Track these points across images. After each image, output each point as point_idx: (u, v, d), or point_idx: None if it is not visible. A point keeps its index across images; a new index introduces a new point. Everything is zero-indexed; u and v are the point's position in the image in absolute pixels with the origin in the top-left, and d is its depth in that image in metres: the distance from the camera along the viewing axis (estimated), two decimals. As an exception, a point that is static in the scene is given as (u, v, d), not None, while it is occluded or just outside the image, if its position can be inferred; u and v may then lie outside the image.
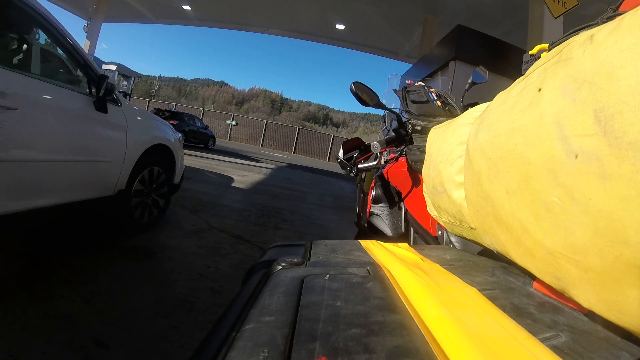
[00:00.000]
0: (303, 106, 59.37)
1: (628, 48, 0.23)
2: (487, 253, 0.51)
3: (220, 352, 0.23)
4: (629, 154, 0.22)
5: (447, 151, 0.56)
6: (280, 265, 0.40)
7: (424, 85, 1.13)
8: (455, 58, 4.63)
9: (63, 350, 1.18)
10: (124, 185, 2.19)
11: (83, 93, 1.92)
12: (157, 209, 2.66)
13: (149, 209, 2.57)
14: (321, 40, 11.41)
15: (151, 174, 2.56)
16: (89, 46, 9.98)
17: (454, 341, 0.24)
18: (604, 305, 0.26)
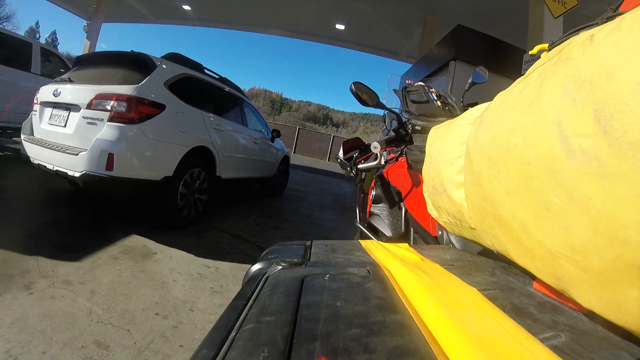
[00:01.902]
0: (303, 106, 59.34)
1: (628, 48, 0.23)
2: (487, 253, 0.51)
3: (220, 352, 0.23)
4: (629, 154, 0.22)
5: (447, 151, 0.56)
6: (280, 265, 0.40)
7: (424, 85, 1.13)
8: (455, 58, 4.63)
9: (63, 350, 1.18)
10: (275, 171, 4.83)
11: (264, 135, 4.41)
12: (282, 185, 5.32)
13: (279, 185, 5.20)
14: (321, 40, 11.40)
15: (287, 161, 5.39)
16: (89, 46, 9.97)
17: (454, 341, 0.24)
18: (604, 305, 0.26)
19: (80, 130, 2.24)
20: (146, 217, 2.80)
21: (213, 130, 2.92)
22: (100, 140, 2.12)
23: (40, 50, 4.16)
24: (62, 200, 2.84)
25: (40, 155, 2.35)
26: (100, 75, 2.48)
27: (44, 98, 2.56)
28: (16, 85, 3.81)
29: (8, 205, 2.47)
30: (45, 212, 2.48)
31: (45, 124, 2.49)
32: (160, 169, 2.38)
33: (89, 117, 2.22)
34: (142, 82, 2.31)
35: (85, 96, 2.26)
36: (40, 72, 4.11)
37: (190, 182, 2.68)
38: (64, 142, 2.29)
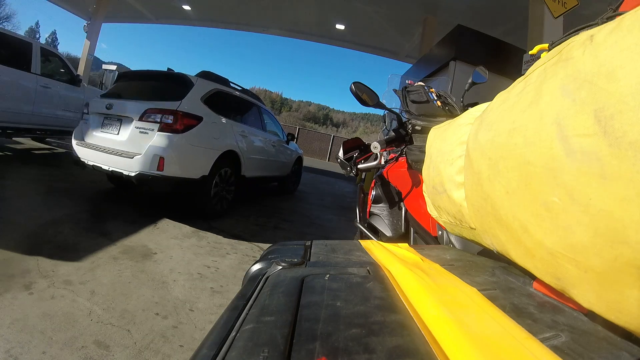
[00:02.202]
0: (303, 106, 59.33)
1: (628, 48, 0.23)
2: (487, 253, 0.51)
3: (220, 352, 0.23)
4: (629, 154, 0.22)
5: (447, 151, 0.56)
6: (280, 265, 0.40)
7: (424, 85, 1.13)
8: (455, 58, 4.62)
9: (63, 350, 1.18)
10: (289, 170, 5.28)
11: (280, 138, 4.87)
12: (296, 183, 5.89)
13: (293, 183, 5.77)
14: (321, 40, 11.39)
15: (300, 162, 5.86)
16: (89, 46, 9.97)
17: (454, 341, 0.24)
18: (604, 305, 0.26)
19: (133, 137, 2.72)
20: (146, 217, 2.80)
21: (239, 136, 3.45)
22: (152, 146, 2.62)
23: (40, 50, 4.16)
24: (62, 200, 2.84)
25: (95, 158, 2.82)
26: (147, 91, 3.04)
27: (96, 109, 3.03)
28: (16, 85, 3.80)
29: (8, 205, 2.47)
30: (45, 212, 2.48)
31: (98, 131, 2.96)
32: (198, 169, 2.89)
33: (141, 127, 2.71)
34: (184, 99, 2.83)
35: (137, 110, 2.75)
36: (40, 72, 4.11)
37: (220, 180, 3.18)
38: (118, 147, 2.75)
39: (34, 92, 4.02)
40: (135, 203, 3.22)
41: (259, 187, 5.15)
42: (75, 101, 4.74)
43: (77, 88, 4.75)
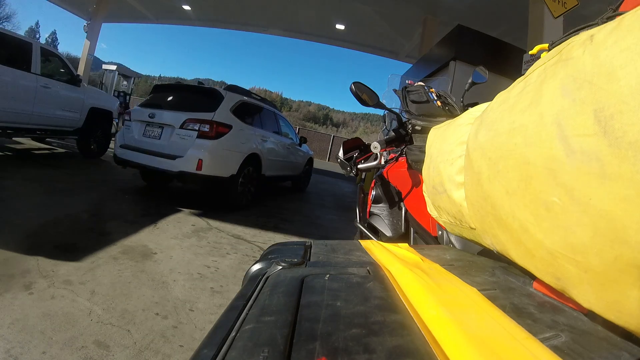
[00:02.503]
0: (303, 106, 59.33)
1: (628, 48, 0.23)
2: (487, 253, 0.51)
3: (220, 352, 0.23)
4: (629, 154, 0.22)
5: (447, 151, 0.56)
6: (280, 265, 0.40)
7: (424, 85, 1.13)
8: (455, 58, 4.62)
9: (63, 350, 1.18)
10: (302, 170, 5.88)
11: (294, 141, 5.40)
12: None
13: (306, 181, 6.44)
14: (321, 40, 11.39)
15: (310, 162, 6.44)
16: (89, 46, 9.96)
17: (454, 341, 0.24)
18: (604, 305, 0.26)
19: (174, 142, 3.26)
20: (146, 217, 2.80)
21: (260, 140, 4.03)
22: (192, 150, 3.18)
23: (40, 50, 4.16)
24: (62, 200, 2.84)
25: (139, 158, 3.36)
26: (184, 103, 3.53)
27: (138, 117, 3.54)
28: (16, 85, 3.80)
29: (8, 205, 2.47)
30: (45, 212, 2.48)
31: (140, 136, 3.48)
32: (228, 169, 3.45)
33: (182, 134, 3.26)
34: (217, 110, 3.38)
35: (177, 120, 3.30)
36: (40, 72, 4.11)
37: (245, 178, 3.71)
38: (160, 150, 3.30)
39: (34, 92, 4.02)
40: (136, 203, 3.23)
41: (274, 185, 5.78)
42: (75, 101, 4.74)
43: (77, 88, 4.75)
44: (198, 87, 3.90)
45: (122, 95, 10.19)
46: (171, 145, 3.26)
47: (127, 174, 4.56)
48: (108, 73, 10.20)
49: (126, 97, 10.43)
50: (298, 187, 6.09)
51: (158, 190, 3.95)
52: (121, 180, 4.08)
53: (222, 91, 3.67)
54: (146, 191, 3.79)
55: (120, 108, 8.95)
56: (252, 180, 3.90)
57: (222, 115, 3.39)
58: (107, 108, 5.43)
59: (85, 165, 4.67)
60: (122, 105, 9.34)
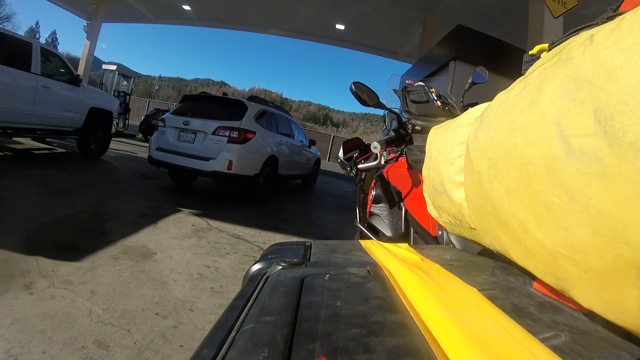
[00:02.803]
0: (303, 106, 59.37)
1: (628, 48, 0.23)
2: (487, 253, 0.51)
3: (220, 352, 0.23)
4: (629, 154, 0.22)
5: (447, 151, 0.56)
6: (280, 265, 0.40)
7: (424, 85, 1.13)
8: (455, 58, 4.62)
9: (63, 350, 1.18)
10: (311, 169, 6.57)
11: (304, 143, 6.03)
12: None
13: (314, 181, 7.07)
14: (321, 40, 11.39)
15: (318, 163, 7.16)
16: (89, 46, 9.96)
17: (454, 341, 0.24)
18: (604, 305, 0.26)
19: (208, 146, 3.78)
20: (146, 217, 2.80)
21: (277, 144, 4.62)
22: (224, 153, 3.71)
23: (40, 50, 4.15)
24: (62, 200, 2.84)
25: (174, 159, 3.84)
26: (214, 112, 4.04)
27: (172, 124, 4.04)
28: (16, 85, 3.80)
29: (8, 205, 2.47)
30: (45, 212, 2.48)
31: (175, 140, 3.96)
32: (252, 169, 3.99)
33: (214, 139, 3.78)
34: (243, 119, 3.94)
35: (210, 127, 3.83)
36: (40, 72, 4.10)
37: (264, 177, 4.25)
38: (194, 152, 3.80)
39: (34, 92, 4.01)
40: (136, 203, 3.23)
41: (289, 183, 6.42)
42: (75, 101, 4.73)
43: (77, 88, 4.74)
44: (225, 98, 4.53)
45: (122, 95, 10.17)
46: (204, 148, 3.79)
47: (127, 174, 4.56)
48: (108, 73, 10.19)
49: (126, 97, 10.42)
50: (307, 185, 6.65)
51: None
52: (121, 181, 4.08)
53: (246, 102, 4.27)
54: (146, 191, 3.79)
55: (120, 108, 8.95)
56: (270, 178, 4.48)
57: (247, 123, 3.97)
58: (107, 108, 5.43)
59: (85, 165, 4.67)
60: (122, 105, 9.35)
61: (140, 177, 4.49)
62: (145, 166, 5.45)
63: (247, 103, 4.20)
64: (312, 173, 6.66)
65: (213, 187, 5.00)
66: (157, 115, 10.79)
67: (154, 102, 23.55)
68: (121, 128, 9.96)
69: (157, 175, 4.86)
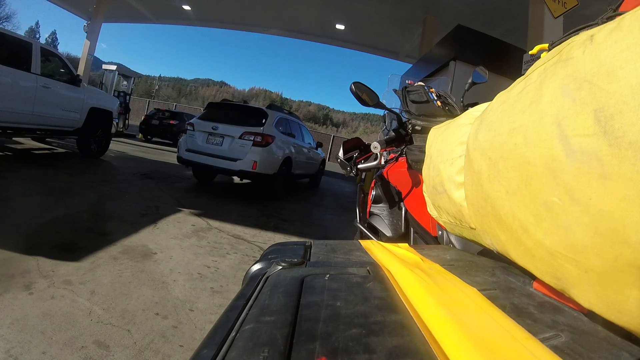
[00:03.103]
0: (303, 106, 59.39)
1: (628, 48, 0.23)
2: (487, 253, 0.51)
3: (220, 352, 0.23)
4: (629, 154, 0.22)
5: (447, 151, 0.56)
6: (280, 265, 0.40)
7: (424, 85, 1.13)
8: (455, 58, 4.62)
9: (63, 350, 1.18)
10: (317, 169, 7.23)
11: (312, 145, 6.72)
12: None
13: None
14: (321, 40, 11.39)
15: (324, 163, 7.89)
16: (89, 46, 9.95)
17: (454, 341, 0.24)
18: (604, 305, 0.26)
19: (234, 148, 4.36)
20: (146, 217, 2.80)
21: (291, 146, 5.23)
22: (249, 154, 4.31)
23: (40, 50, 4.15)
24: (62, 200, 2.84)
25: (203, 159, 4.41)
26: (239, 118, 4.62)
27: (201, 129, 4.57)
28: (16, 85, 3.80)
29: (8, 205, 2.47)
30: (45, 212, 2.48)
31: (203, 142, 4.49)
32: (272, 168, 4.60)
33: (240, 143, 4.36)
34: (265, 125, 4.53)
35: (237, 132, 4.41)
36: (40, 72, 4.10)
37: (281, 176, 4.84)
38: (222, 154, 4.38)
39: (34, 92, 4.01)
40: (136, 203, 3.23)
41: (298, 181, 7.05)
42: (75, 101, 4.73)
43: (77, 88, 4.74)
44: (248, 106, 5.09)
45: (122, 95, 10.17)
46: (232, 150, 4.36)
47: (127, 174, 4.56)
48: (108, 73, 10.18)
49: (126, 97, 10.42)
50: (314, 183, 7.30)
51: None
52: (121, 181, 4.08)
53: (266, 110, 4.88)
54: (146, 191, 3.79)
55: (120, 108, 8.95)
56: (285, 177, 5.10)
57: (268, 128, 4.56)
58: (107, 108, 5.42)
59: (85, 165, 4.67)
60: (122, 105, 9.34)
61: (140, 177, 4.49)
62: (145, 166, 5.45)
63: (268, 111, 4.83)
64: (318, 172, 7.29)
65: (213, 188, 5.00)
66: (156, 115, 10.83)
67: (154, 102, 23.55)
68: (121, 128, 9.95)
69: (157, 175, 4.86)
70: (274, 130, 4.67)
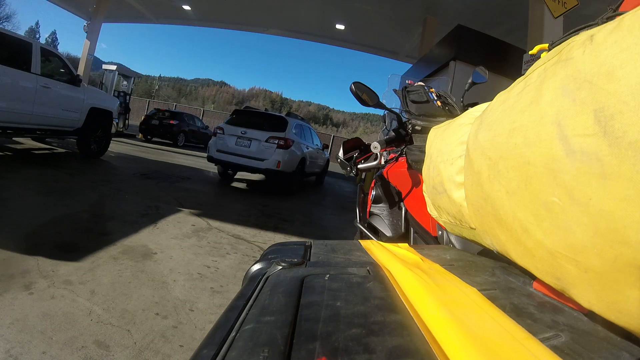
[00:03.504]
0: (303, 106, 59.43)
1: (628, 48, 0.23)
2: (487, 253, 0.51)
3: (220, 352, 0.23)
4: (629, 154, 0.22)
5: (447, 151, 0.56)
6: (280, 265, 0.40)
7: (424, 85, 1.13)
8: (455, 58, 4.62)
9: (63, 350, 1.18)
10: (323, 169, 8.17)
11: (319, 146, 7.52)
12: None
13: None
14: (321, 40, 11.39)
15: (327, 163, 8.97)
16: (89, 46, 9.95)
17: (454, 341, 0.24)
18: (604, 305, 0.26)
19: (262, 150, 5.13)
20: (146, 217, 2.80)
21: (305, 148, 6.06)
22: (274, 155, 5.08)
23: (40, 50, 4.15)
24: (62, 200, 2.84)
25: (233, 159, 5.18)
26: (264, 124, 5.42)
27: (231, 132, 5.33)
28: (16, 85, 3.80)
29: (8, 205, 2.47)
30: (45, 212, 2.48)
31: (233, 145, 5.24)
32: (292, 167, 5.40)
33: (266, 146, 5.13)
34: (286, 130, 5.34)
35: (263, 136, 5.18)
36: (40, 72, 4.10)
37: (297, 174, 5.68)
38: (251, 155, 5.14)
39: (34, 92, 4.01)
40: (136, 203, 3.23)
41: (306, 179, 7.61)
42: (75, 101, 4.73)
43: (77, 88, 4.74)
44: (270, 114, 6.09)
45: (122, 95, 10.17)
46: (259, 152, 5.15)
47: (127, 174, 4.56)
48: (108, 73, 10.18)
49: (126, 97, 10.41)
50: (319, 181, 8.09)
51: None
52: (121, 181, 4.08)
53: (286, 117, 5.75)
54: (146, 191, 3.79)
55: (120, 108, 8.95)
56: (300, 175, 5.95)
57: (289, 133, 5.38)
58: (107, 108, 5.42)
59: (85, 165, 4.67)
60: (122, 105, 9.34)
61: (140, 177, 4.50)
62: (145, 166, 5.45)
63: (287, 118, 5.72)
64: (323, 171, 8.22)
65: (213, 188, 5.00)
66: (156, 115, 10.83)
67: (154, 102, 23.53)
68: (121, 128, 9.95)
69: (157, 175, 4.86)
70: (293, 135, 5.53)
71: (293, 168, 5.40)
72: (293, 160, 5.39)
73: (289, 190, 5.57)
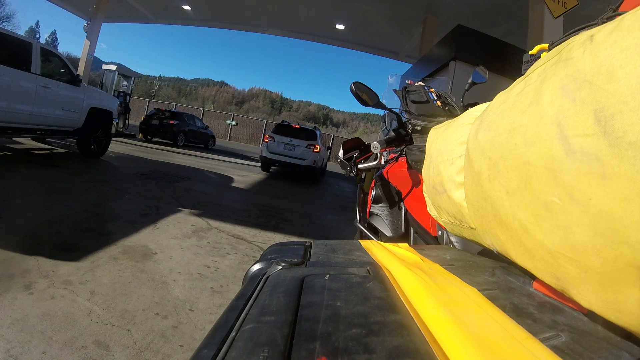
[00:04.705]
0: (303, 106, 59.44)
1: (628, 48, 0.23)
2: (487, 253, 0.51)
3: (220, 352, 0.23)
4: (629, 154, 0.22)
5: (447, 151, 0.56)
6: (280, 265, 0.40)
7: (424, 85, 1.13)
8: (455, 58, 4.62)
9: (63, 350, 1.18)
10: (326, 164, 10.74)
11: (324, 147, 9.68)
12: None
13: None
14: (321, 40, 11.40)
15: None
16: (89, 46, 9.96)
17: (454, 341, 0.24)
18: (604, 305, 0.26)
19: (303, 153, 7.55)
20: (146, 217, 2.80)
21: (324, 150, 8.59)
22: (311, 156, 7.60)
23: (40, 50, 4.15)
24: (62, 200, 2.84)
25: (282, 159, 7.54)
26: (302, 135, 7.79)
27: (280, 140, 7.52)
28: (16, 85, 3.80)
29: (8, 205, 2.47)
30: (45, 212, 2.48)
31: (281, 148, 7.51)
32: (320, 164, 8.12)
33: (306, 150, 7.56)
34: (317, 139, 7.91)
35: (303, 143, 7.58)
36: (40, 72, 4.10)
37: (322, 169, 8.61)
38: (295, 156, 7.53)
39: (34, 92, 4.01)
40: (136, 203, 3.23)
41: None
42: (75, 101, 4.73)
43: (77, 88, 4.74)
44: (305, 128, 8.31)
45: (122, 95, 10.17)
46: (301, 154, 7.46)
47: (127, 174, 4.56)
48: (108, 73, 10.17)
49: (126, 97, 10.41)
50: (323, 172, 9.86)
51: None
52: (121, 181, 4.08)
53: (316, 130, 8.25)
54: (146, 191, 3.79)
55: (120, 108, 8.95)
56: (323, 169, 8.80)
57: (319, 141, 7.82)
58: (107, 108, 5.42)
59: (85, 165, 4.67)
60: (122, 105, 9.33)
61: (140, 177, 4.50)
62: (145, 166, 5.45)
63: (316, 131, 8.21)
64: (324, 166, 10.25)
65: (213, 188, 5.00)
66: (156, 115, 10.83)
67: (154, 102, 23.54)
68: (121, 128, 9.95)
69: (157, 175, 4.86)
70: (320, 142, 7.94)
71: (320, 165, 8.06)
72: (321, 160, 8.07)
73: (314, 179, 8.22)
